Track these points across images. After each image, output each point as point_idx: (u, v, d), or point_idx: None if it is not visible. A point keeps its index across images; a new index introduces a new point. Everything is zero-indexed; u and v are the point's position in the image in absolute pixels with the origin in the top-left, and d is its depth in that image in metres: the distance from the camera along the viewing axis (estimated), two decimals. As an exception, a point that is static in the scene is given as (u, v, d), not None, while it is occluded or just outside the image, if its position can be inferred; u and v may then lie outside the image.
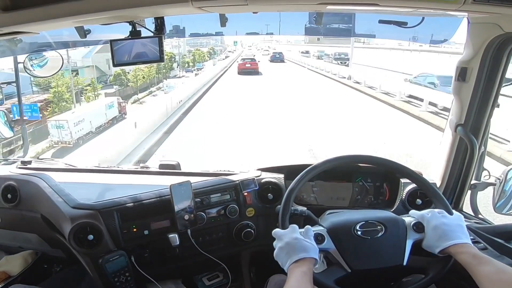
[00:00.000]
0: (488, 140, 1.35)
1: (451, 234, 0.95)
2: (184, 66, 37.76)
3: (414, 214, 1.06)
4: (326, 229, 1.06)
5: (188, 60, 40.56)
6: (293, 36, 22.72)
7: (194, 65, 38.67)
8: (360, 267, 1.00)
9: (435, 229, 0.97)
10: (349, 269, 0.99)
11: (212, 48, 50.80)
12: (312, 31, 1.41)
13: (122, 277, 1.28)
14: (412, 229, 1.02)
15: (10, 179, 1.49)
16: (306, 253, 0.93)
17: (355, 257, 1.01)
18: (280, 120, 10.35)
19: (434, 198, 1.08)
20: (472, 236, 1.20)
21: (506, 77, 1.22)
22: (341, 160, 1.17)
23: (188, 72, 35.44)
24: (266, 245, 1.38)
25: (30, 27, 1.06)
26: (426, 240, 0.99)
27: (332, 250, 1.02)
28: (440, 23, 1.31)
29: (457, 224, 0.98)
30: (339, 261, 1.01)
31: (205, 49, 48.84)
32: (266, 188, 1.45)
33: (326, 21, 1.34)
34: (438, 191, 1.09)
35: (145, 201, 1.35)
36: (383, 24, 1.20)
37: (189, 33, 1.50)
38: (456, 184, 1.41)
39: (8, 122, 1.81)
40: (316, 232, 1.03)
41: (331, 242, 1.03)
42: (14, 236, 1.57)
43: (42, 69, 1.75)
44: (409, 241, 1.01)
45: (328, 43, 32.38)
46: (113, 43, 1.18)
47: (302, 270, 0.90)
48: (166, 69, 31.71)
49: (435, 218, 0.99)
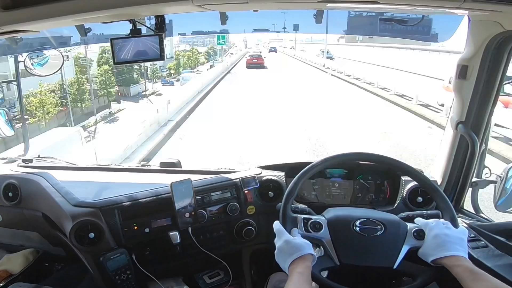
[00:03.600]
0: (489, 137, 1.35)
1: (450, 245, 0.93)
2: (154, 77, 28.34)
3: (419, 222, 1.05)
4: (327, 219, 1.07)
5: (171, 66, 31.86)
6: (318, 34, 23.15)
7: (177, 72, 30.44)
8: (349, 262, 1.00)
9: (435, 238, 0.96)
10: (338, 261, 1.00)
11: (211, 47, 43.25)
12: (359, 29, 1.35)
13: (123, 275, 1.28)
14: (412, 235, 1.02)
15: (11, 177, 1.49)
16: (299, 252, 0.94)
17: (346, 251, 1.01)
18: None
19: (436, 197, 1.08)
20: (473, 234, 1.20)
21: (506, 75, 1.22)
22: (341, 157, 1.17)
23: (166, 85, 27.67)
24: (267, 243, 1.38)
25: (31, 25, 1.06)
26: (423, 248, 0.98)
27: (327, 240, 1.03)
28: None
29: (459, 237, 0.95)
30: (330, 252, 1.01)
31: (203, 49, 41.10)
32: (266, 186, 1.45)
33: (373, 20, 1.29)
34: (439, 190, 1.09)
35: (146, 199, 1.35)
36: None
37: (191, 31, 1.49)
38: (457, 182, 1.41)
39: (9, 121, 1.81)
40: (315, 220, 1.04)
41: (328, 232, 1.04)
42: (15, 234, 1.58)
43: (42, 67, 1.75)
44: (406, 246, 1.01)
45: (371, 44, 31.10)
46: (113, 41, 1.19)
47: (298, 271, 0.91)
48: (112, 83, 22.33)
49: (437, 228, 0.98)
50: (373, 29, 1.30)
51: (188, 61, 34.03)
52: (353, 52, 31.08)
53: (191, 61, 34.56)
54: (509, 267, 1.05)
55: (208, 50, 42.54)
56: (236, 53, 44.35)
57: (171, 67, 31.37)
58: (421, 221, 1.05)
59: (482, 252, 1.12)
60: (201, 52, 41.31)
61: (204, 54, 40.29)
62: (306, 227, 1.04)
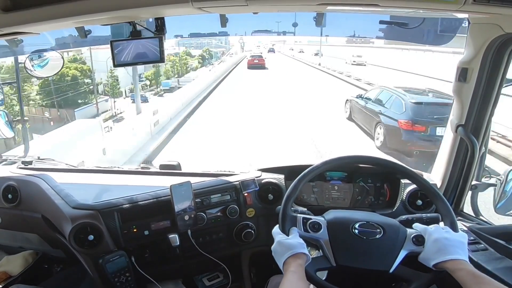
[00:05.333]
0: (489, 140, 1.35)
1: (451, 249, 0.92)
2: (114, 93, 19.82)
3: (417, 227, 1.04)
4: (326, 220, 1.06)
5: (148, 74, 23.45)
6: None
7: (157, 83, 23.06)
8: (345, 263, 1.00)
9: (435, 242, 0.95)
10: (334, 263, 1.00)
11: (207, 50, 36.61)
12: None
13: (122, 277, 1.28)
14: (411, 240, 1.01)
15: (10, 179, 1.49)
16: (290, 251, 0.95)
17: (344, 252, 1.01)
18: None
19: (436, 200, 1.07)
20: (472, 237, 1.20)
21: (506, 77, 1.22)
22: (341, 160, 1.17)
23: (144, 102, 15.58)
24: (266, 245, 1.37)
25: (31, 27, 1.06)
26: (423, 253, 0.97)
27: (324, 241, 1.02)
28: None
29: (459, 241, 0.95)
30: (327, 253, 1.01)
31: (198, 51, 34.78)
32: (266, 189, 1.45)
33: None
34: (439, 193, 1.08)
35: (145, 201, 1.35)
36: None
37: (188, 33, 1.49)
38: (456, 185, 1.40)
39: (9, 122, 1.81)
40: (314, 220, 1.04)
41: (326, 233, 1.03)
42: (15, 236, 1.58)
43: (42, 69, 1.75)
44: (404, 251, 1.00)
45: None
46: (113, 43, 1.19)
47: (291, 269, 0.91)
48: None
49: (437, 232, 0.97)
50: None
51: (172, 67, 26.08)
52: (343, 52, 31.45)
53: (177, 68, 26.65)
54: (509, 270, 1.05)
55: (202, 53, 35.16)
56: (236, 53, 40.57)
57: (148, 76, 22.86)
58: (419, 226, 1.04)
59: (482, 255, 1.12)
60: (195, 55, 34.54)
61: (198, 58, 33.61)
62: (305, 227, 1.04)
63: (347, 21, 1.47)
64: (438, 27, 1.35)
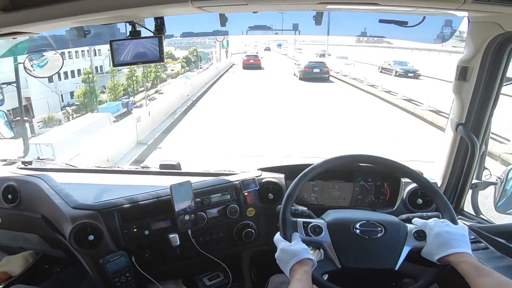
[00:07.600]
0: (489, 139, 1.35)
1: (453, 242, 0.93)
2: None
3: (417, 222, 1.05)
4: (326, 223, 1.06)
5: (79, 93, 16.65)
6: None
7: (85, 106, 16.29)
8: (350, 264, 1.00)
9: (437, 237, 0.96)
10: (340, 264, 1.00)
11: (194, 51, 30.01)
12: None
13: (122, 277, 1.28)
14: (412, 236, 1.01)
15: (10, 179, 1.49)
16: (295, 258, 0.94)
17: (347, 253, 1.01)
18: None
19: (436, 199, 1.07)
20: (473, 236, 1.19)
21: (506, 76, 1.22)
22: (341, 160, 1.17)
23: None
24: (266, 245, 1.38)
25: (30, 27, 1.06)
26: (426, 247, 0.98)
27: (327, 244, 1.02)
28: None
29: (460, 234, 0.96)
30: (331, 255, 1.01)
31: (183, 52, 28.38)
32: (266, 188, 1.45)
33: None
34: (439, 191, 1.08)
35: (145, 201, 1.35)
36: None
37: (180, 33, 1.47)
38: (457, 184, 1.40)
39: (8, 123, 1.81)
40: (315, 224, 1.04)
41: (328, 235, 1.03)
42: (15, 236, 1.57)
43: (42, 69, 1.75)
44: (407, 247, 1.00)
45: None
46: (113, 43, 1.19)
47: (296, 277, 0.91)
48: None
49: (438, 226, 0.98)
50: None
51: (128, 80, 18.15)
52: (356, 53, 30.65)
53: (137, 80, 18.49)
54: (509, 269, 1.05)
55: (188, 55, 28.37)
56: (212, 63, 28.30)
57: (79, 96, 16.47)
58: (419, 221, 1.05)
59: (483, 254, 1.12)
60: (178, 57, 27.98)
61: (181, 61, 26.86)
62: (307, 231, 1.04)
63: (354, 22, 1.45)
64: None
